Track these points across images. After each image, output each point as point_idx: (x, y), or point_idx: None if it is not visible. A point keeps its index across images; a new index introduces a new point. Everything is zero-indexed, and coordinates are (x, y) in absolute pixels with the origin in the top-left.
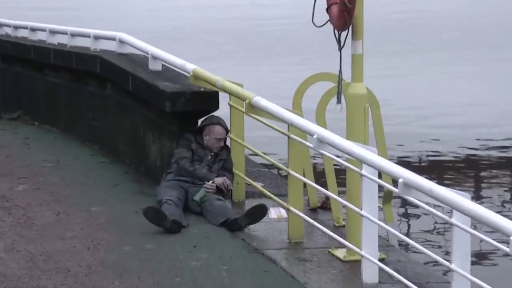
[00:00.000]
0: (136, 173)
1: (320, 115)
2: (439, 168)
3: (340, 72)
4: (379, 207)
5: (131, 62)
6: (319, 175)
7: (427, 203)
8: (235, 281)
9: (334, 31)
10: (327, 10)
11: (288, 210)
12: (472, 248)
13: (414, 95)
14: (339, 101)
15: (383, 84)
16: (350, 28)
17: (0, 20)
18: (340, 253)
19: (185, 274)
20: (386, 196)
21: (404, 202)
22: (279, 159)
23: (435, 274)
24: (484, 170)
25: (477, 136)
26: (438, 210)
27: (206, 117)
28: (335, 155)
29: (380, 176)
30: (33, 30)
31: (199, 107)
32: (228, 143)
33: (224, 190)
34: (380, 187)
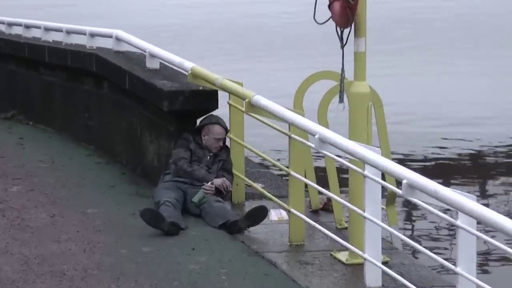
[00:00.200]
0: (133, 174)
1: (322, 114)
2: (444, 168)
3: (343, 70)
4: (382, 208)
5: (128, 60)
6: (321, 176)
7: (431, 204)
8: (235, 284)
9: (336, 28)
10: (329, 7)
11: (289, 212)
12: (478, 250)
13: (417, 93)
14: (341, 100)
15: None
16: (352, 25)
17: None
18: (343, 256)
19: (183, 278)
20: (390, 198)
21: (408, 204)
22: (280, 159)
23: (440, 278)
24: (490, 170)
25: (482, 135)
26: (443, 212)
27: (205, 116)
28: (337, 156)
29: (383, 177)
30: (27, 27)
31: (197, 106)
32: (227, 143)
33: (224, 192)
34: (384, 188)
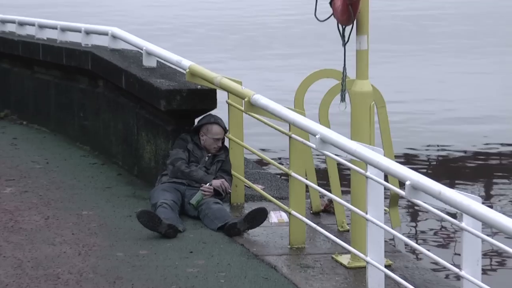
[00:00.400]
0: (129, 175)
1: (323, 114)
2: (448, 169)
3: (344, 68)
4: (385, 210)
5: (125, 58)
6: (322, 177)
7: (435, 206)
8: None
9: (338, 26)
10: (331, 3)
11: (289, 214)
12: (483, 253)
13: (419, 92)
14: (343, 99)
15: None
16: (354, 22)
17: None
18: (344, 259)
19: (180, 282)
20: (393, 199)
21: (412, 206)
22: (280, 159)
23: (444, 281)
24: (495, 170)
25: (487, 134)
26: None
27: (203, 116)
28: (338, 156)
29: (386, 178)
30: (21, 24)
31: (195, 106)
32: (226, 143)
33: (222, 193)
34: (386, 189)
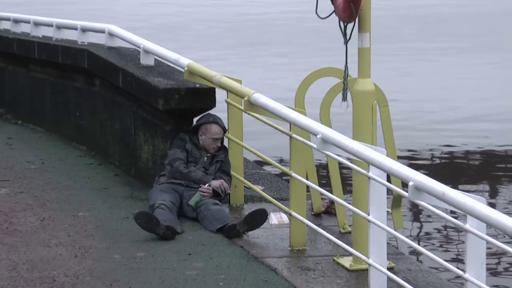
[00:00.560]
0: (127, 175)
1: (324, 113)
2: (452, 169)
3: (346, 67)
4: (387, 212)
5: (122, 56)
6: (323, 178)
7: (439, 207)
8: None
9: (340, 23)
10: (332, 0)
11: (290, 215)
12: (487, 255)
13: (422, 90)
14: (344, 98)
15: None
16: (356, 20)
17: None
18: (346, 261)
19: (179, 285)
20: (395, 200)
21: (415, 207)
22: (280, 160)
23: (448, 284)
24: (500, 170)
25: (491, 133)
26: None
27: (202, 115)
28: (340, 156)
29: (388, 179)
30: (16, 22)
31: (194, 105)
32: (225, 143)
33: (221, 194)
34: (389, 190)
